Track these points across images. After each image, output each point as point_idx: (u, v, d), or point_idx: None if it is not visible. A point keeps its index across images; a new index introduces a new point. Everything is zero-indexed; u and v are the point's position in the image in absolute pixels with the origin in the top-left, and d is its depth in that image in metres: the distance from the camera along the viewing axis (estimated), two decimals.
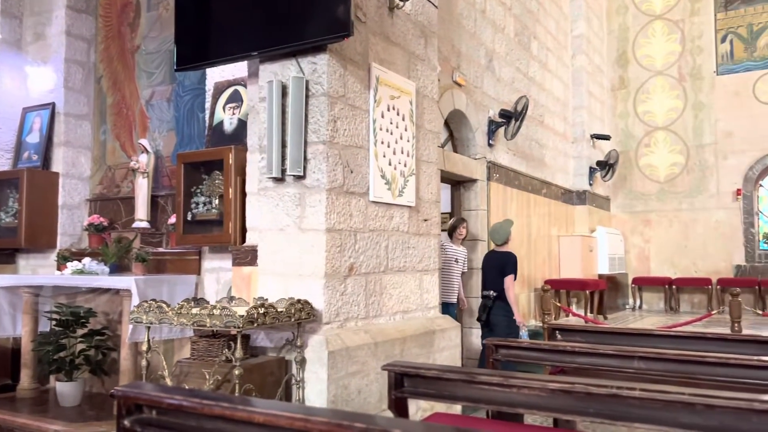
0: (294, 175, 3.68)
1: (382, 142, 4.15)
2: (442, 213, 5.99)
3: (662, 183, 12.23)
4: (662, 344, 3.73)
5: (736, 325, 7.17)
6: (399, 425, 1.60)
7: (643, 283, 12.02)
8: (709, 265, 11.61)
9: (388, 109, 4.23)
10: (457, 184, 7.30)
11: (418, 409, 4.06)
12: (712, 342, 3.72)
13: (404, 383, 2.65)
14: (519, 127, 7.88)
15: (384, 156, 4.16)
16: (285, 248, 3.74)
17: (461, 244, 6.58)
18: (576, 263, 9.72)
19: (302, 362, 3.48)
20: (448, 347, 4.76)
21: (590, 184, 10.90)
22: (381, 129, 4.14)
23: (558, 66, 10.26)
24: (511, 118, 7.74)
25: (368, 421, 1.60)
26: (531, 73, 9.04)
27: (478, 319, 6.27)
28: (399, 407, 2.65)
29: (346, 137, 3.81)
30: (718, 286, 11.20)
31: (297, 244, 3.70)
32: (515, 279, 6.14)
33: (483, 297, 6.31)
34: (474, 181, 7.22)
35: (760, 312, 9.13)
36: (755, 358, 3.04)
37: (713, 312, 9.23)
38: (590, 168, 10.85)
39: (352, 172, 3.86)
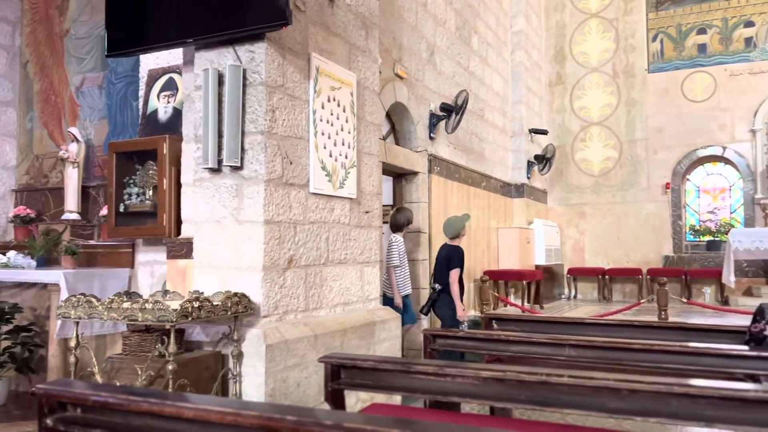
0: (231, 166, 3.62)
1: (323, 134, 4.12)
2: (383, 205, 6.01)
3: (597, 177, 12.65)
4: (593, 332, 3.86)
5: (663, 312, 7.51)
6: (331, 417, 1.60)
7: (578, 274, 12.42)
8: (639, 256, 12.10)
9: (329, 100, 4.20)
10: (399, 176, 7.33)
11: (358, 400, 4.07)
12: (640, 329, 3.87)
13: (341, 375, 2.65)
14: (459, 121, 7.98)
15: (325, 147, 4.14)
16: (221, 241, 3.67)
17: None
18: (514, 254, 9.95)
19: (239, 356, 3.43)
20: (389, 338, 4.79)
21: (528, 178, 11.16)
22: (321, 120, 4.11)
23: (498, 61, 10.44)
24: (451, 111, 7.83)
25: (300, 413, 1.59)
26: (471, 67, 9.16)
27: (420, 311, 6.29)
28: (335, 399, 2.64)
29: (285, 128, 3.77)
30: (648, 276, 11.69)
31: (234, 236, 3.63)
32: (461, 273, 6.19)
33: (432, 289, 6.30)
34: (415, 173, 7.27)
35: (685, 300, 9.59)
36: (677, 344, 3.18)
37: (643, 301, 9.63)
38: (528, 162, 11.11)
39: (291, 163, 3.82)
